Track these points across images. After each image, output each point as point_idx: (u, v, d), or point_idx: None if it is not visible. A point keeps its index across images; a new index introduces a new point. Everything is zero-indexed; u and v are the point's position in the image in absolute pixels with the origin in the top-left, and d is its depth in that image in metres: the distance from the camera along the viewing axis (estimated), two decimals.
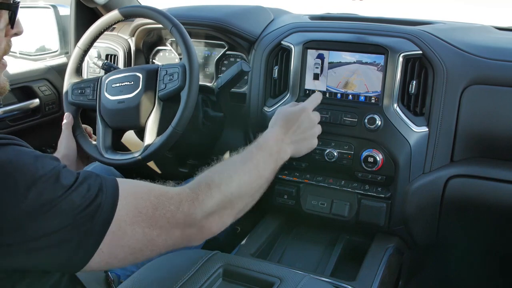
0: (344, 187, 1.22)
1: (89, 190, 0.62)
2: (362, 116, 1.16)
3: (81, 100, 1.25)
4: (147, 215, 0.67)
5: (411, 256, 1.29)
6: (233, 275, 0.88)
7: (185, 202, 0.72)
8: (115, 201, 0.64)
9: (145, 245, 0.68)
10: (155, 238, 0.68)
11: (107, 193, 0.64)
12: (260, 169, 0.89)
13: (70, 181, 0.61)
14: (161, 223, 0.69)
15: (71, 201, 0.59)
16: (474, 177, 1.13)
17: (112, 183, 0.66)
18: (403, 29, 1.18)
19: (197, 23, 1.40)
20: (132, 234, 0.65)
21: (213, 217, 0.76)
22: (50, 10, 1.77)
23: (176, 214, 0.70)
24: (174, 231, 0.71)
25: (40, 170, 0.58)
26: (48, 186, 0.57)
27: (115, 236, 0.63)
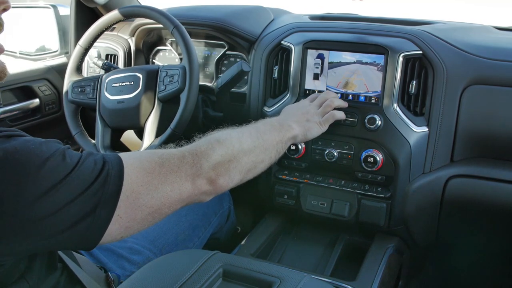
0: (344, 187, 1.22)
1: (96, 164, 0.64)
2: (362, 116, 1.16)
3: (81, 98, 1.25)
4: (155, 173, 0.70)
5: (411, 256, 1.29)
6: (233, 275, 0.88)
7: (188, 155, 0.76)
8: (121, 168, 0.66)
9: (162, 202, 0.70)
10: (169, 193, 0.71)
11: (112, 163, 0.66)
12: (261, 133, 0.91)
13: (76, 158, 0.63)
14: (171, 177, 0.72)
15: (81, 175, 0.61)
16: (474, 177, 1.13)
17: (114, 155, 0.69)
18: (403, 29, 1.18)
19: (197, 23, 1.40)
20: (146, 193, 0.68)
21: (219, 168, 0.78)
22: (50, 10, 1.77)
23: (181, 167, 0.73)
24: (185, 184, 0.73)
25: (46, 152, 0.60)
26: (56, 165, 0.59)
27: (130, 199, 0.66)
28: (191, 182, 0.74)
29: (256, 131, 0.91)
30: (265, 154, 0.91)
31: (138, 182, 0.68)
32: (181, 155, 0.75)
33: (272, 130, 0.95)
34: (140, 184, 0.68)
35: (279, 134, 0.96)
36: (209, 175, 0.77)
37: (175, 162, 0.73)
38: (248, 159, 0.86)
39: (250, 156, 0.86)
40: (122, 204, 0.65)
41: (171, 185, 0.71)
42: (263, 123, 0.97)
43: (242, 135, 0.87)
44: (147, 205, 0.68)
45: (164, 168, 0.72)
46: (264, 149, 0.90)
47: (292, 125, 1.01)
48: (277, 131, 0.96)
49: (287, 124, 1.00)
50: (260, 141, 0.90)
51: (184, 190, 0.73)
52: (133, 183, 0.67)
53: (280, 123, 1.00)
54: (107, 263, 1.04)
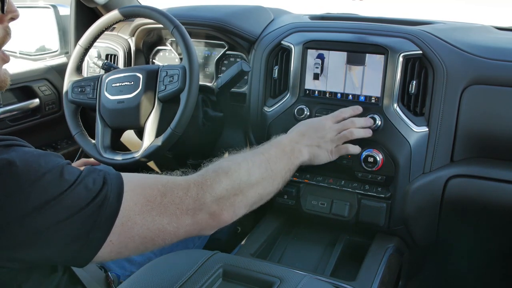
0: (344, 187, 1.22)
1: (94, 184, 0.62)
2: (362, 116, 1.16)
3: (81, 98, 1.25)
4: (155, 203, 0.67)
5: (411, 256, 1.29)
6: (233, 275, 0.87)
7: (193, 187, 0.72)
8: (120, 192, 0.64)
9: (156, 234, 0.68)
10: (166, 226, 0.68)
11: (112, 184, 0.64)
12: (271, 162, 0.88)
13: (75, 176, 0.61)
14: (171, 210, 0.68)
15: (77, 195, 0.59)
16: (474, 177, 1.13)
17: (116, 176, 0.66)
18: (403, 29, 1.18)
19: (197, 23, 1.40)
20: (142, 224, 0.65)
21: (223, 202, 0.75)
22: (50, 10, 1.77)
23: (185, 200, 0.70)
24: (184, 218, 0.70)
25: (43, 167, 0.58)
26: (53, 181, 0.58)
27: (125, 227, 0.64)
28: (191, 216, 0.71)
29: (266, 160, 0.87)
30: (272, 186, 0.89)
31: (136, 210, 0.65)
32: (186, 185, 0.72)
33: (282, 157, 0.92)
34: (138, 212, 0.65)
35: (289, 161, 0.94)
36: (212, 210, 0.74)
37: (178, 194, 0.70)
38: (255, 192, 0.83)
39: (258, 189, 0.84)
40: (116, 230, 0.62)
41: (170, 217, 0.68)
42: (275, 149, 0.93)
43: (252, 165, 0.83)
44: (141, 235, 0.66)
45: (166, 198, 0.68)
46: (272, 180, 0.88)
47: (302, 151, 0.98)
48: (287, 158, 0.93)
49: (298, 150, 0.97)
50: (269, 172, 0.87)
51: (182, 224, 0.70)
52: (131, 210, 0.64)
53: (292, 147, 0.96)
54: (107, 263, 1.04)
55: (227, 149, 1.43)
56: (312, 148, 1.01)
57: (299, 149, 0.98)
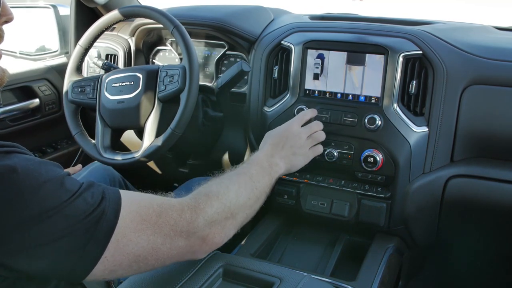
0: (344, 187, 1.22)
1: (93, 197, 0.62)
2: (362, 116, 1.16)
3: (81, 98, 1.25)
4: (150, 222, 0.68)
5: (411, 256, 1.29)
6: (233, 275, 0.87)
7: (187, 210, 0.73)
8: (118, 208, 0.64)
9: (150, 253, 0.68)
10: (160, 246, 0.69)
11: (110, 200, 0.64)
12: (254, 180, 0.92)
13: (75, 187, 0.61)
14: (165, 230, 0.69)
15: (76, 207, 0.59)
16: (474, 177, 1.13)
17: (115, 191, 0.67)
18: (403, 29, 1.18)
19: (197, 23, 1.40)
20: (137, 242, 0.66)
21: (215, 227, 0.77)
22: (50, 10, 1.77)
23: (179, 222, 0.71)
24: (178, 240, 0.71)
25: (44, 175, 0.58)
26: (53, 191, 0.58)
27: (120, 244, 0.64)
28: (185, 239, 0.72)
29: (250, 179, 0.91)
30: (257, 204, 0.92)
31: (131, 228, 0.65)
32: (180, 208, 0.73)
33: (263, 174, 0.95)
34: (133, 230, 0.66)
35: (269, 177, 0.97)
36: (205, 234, 0.75)
37: (173, 215, 0.71)
38: (243, 213, 0.86)
39: (245, 209, 0.87)
40: (111, 247, 0.62)
41: (164, 237, 0.69)
42: (255, 166, 0.96)
43: (239, 187, 0.86)
44: (135, 253, 0.66)
45: (161, 218, 0.69)
46: (257, 199, 0.91)
47: (279, 164, 1.01)
48: (267, 174, 0.97)
49: (275, 163, 1.00)
50: (254, 191, 0.90)
51: (176, 246, 0.71)
52: (127, 227, 0.65)
53: (269, 162, 1.00)
54: None
55: (227, 150, 1.43)
56: (287, 158, 1.04)
57: (276, 162, 1.01)
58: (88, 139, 1.25)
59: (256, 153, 1.03)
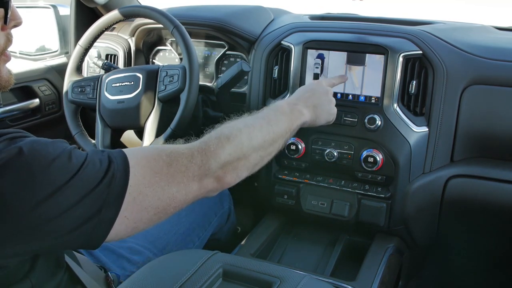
0: (344, 187, 1.22)
1: (101, 164, 0.63)
2: (362, 116, 1.16)
3: (81, 98, 1.25)
4: (162, 173, 0.69)
5: (411, 256, 1.29)
6: (233, 275, 0.88)
7: (197, 154, 0.74)
8: (126, 168, 0.65)
9: (168, 203, 0.69)
10: (175, 194, 0.70)
11: (117, 162, 0.65)
12: (272, 123, 0.88)
13: (82, 158, 0.62)
14: (178, 178, 0.70)
15: (86, 176, 0.60)
16: (474, 177, 1.13)
17: (119, 153, 0.67)
18: (403, 29, 1.18)
19: (197, 23, 1.40)
20: (153, 195, 0.67)
21: (227, 167, 0.77)
22: (50, 10, 1.77)
23: (190, 167, 0.72)
24: (192, 185, 0.72)
25: (52, 153, 0.59)
26: (62, 166, 0.59)
27: (137, 201, 0.65)
28: (198, 182, 0.73)
29: (267, 123, 0.88)
30: (273, 147, 0.89)
31: (145, 183, 0.66)
32: (190, 154, 0.73)
33: (282, 118, 0.92)
34: (147, 185, 0.67)
35: (289, 122, 0.93)
36: (217, 174, 0.76)
37: (183, 162, 0.72)
38: (256, 155, 0.84)
39: (259, 151, 0.85)
40: (129, 206, 0.64)
41: (178, 185, 0.70)
42: (274, 110, 0.93)
43: (253, 129, 0.84)
44: (153, 206, 0.67)
45: (172, 168, 0.70)
46: (273, 142, 0.88)
47: (303, 111, 0.97)
48: (287, 118, 0.93)
49: (298, 110, 0.97)
50: (270, 134, 0.87)
51: (190, 191, 0.72)
52: (140, 184, 0.66)
53: (291, 108, 0.96)
54: (107, 262, 1.04)
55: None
56: (311, 108, 1.00)
57: (299, 110, 0.97)
58: (88, 139, 1.25)
59: (280, 101, 1.00)
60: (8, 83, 0.71)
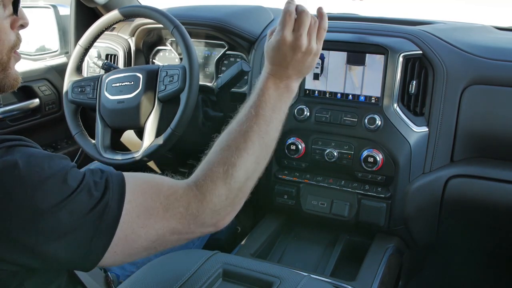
0: (344, 187, 1.22)
1: (97, 189, 0.62)
2: (362, 116, 1.16)
3: (81, 98, 1.25)
4: (158, 217, 0.67)
5: (411, 256, 1.29)
6: (233, 275, 0.87)
7: (193, 204, 0.72)
8: (121, 198, 0.64)
9: (159, 244, 0.69)
10: (169, 238, 0.69)
11: (113, 190, 0.63)
12: (263, 134, 0.81)
13: (78, 181, 0.60)
14: (173, 224, 0.69)
15: (79, 201, 0.59)
16: (474, 177, 1.13)
17: (118, 179, 0.65)
18: (403, 29, 1.18)
19: (197, 23, 1.40)
20: (145, 237, 0.66)
21: (224, 211, 0.75)
22: (50, 10, 1.77)
23: (186, 216, 0.70)
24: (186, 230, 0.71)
25: (47, 171, 0.57)
26: (56, 187, 0.57)
27: (129, 239, 0.64)
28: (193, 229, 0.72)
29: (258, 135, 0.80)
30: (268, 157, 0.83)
31: (138, 223, 0.65)
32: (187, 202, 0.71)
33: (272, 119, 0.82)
34: (141, 225, 0.65)
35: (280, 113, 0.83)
36: (213, 221, 0.74)
37: (179, 210, 0.70)
38: (252, 181, 0.81)
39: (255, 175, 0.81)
40: (120, 242, 0.63)
41: (172, 230, 0.69)
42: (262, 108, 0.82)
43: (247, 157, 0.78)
44: (145, 246, 0.67)
45: (167, 213, 0.68)
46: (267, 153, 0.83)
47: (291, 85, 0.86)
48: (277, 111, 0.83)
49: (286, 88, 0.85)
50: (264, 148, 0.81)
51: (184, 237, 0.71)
52: (133, 222, 0.64)
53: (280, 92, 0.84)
54: None
55: None
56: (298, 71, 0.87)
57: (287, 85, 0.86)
58: (88, 139, 1.25)
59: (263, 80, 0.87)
60: (16, 82, 0.70)
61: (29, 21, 0.70)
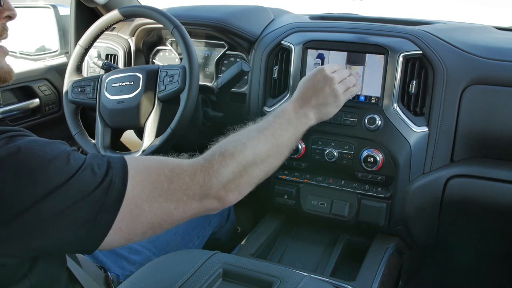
0: (344, 187, 1.22)
1: (100, 168, 0.63)
2: (362, 116, 1.16)
3: (81, 98, 1.25)
4: (162, 189, 0.67)
5: (411, 256, 1.29)
6: (233, 275, 0.88)
7: (200, 173, 0.72)
8: (125, 175, 0.64)
9: (164, 219, 0.68)
10: (173, 211, 0.69)
11: (116, 169, 0.64)
12: (277, 136, 0.86)
13: (80, 161, 0.62)
14: (178, 196, 0.69)
15: (84, 180, 0.60)
16: (474, 177, 1.13)
17: (119, 160, 0.66)
18: (403, 29, 1.18)
19: (197, 23, 1.40)
20: (150, 210, 0.66)
21: (229, 186, 0.75)
22: (50, 10, 1.77)
23: (191, 186, 0.70)
24: (191, 203, 0.71)
25: (49, 153, 0.59)
26: (59, 167, 0.58)
27: (133, 214, 0.64)
28: (198, 201, 0.71)
29: (271, 135, 0.85)
30: (278, 160, 0.87)
31: (143, 197, 0.65)
32: (192, 171, 0.71)
33: (287, 128, 0.89)
34: (145, 199, 0.65)
35: (295, 130, 0.91)
36: (219, 194, 0.74)
37: (185, 180, 0.70)
38: (260, 170, 0.82)
39: (263, 166, 0.83)
40: (124, 217, 0.63)
41: (177, 203, 0.69)
42: (279, 120, 0.90)
43: (257, 143, 0.82)
44: (149, 221, 0.66)
45: (173, 184, 0.68)
46: (278, 155, 0.86)
47: (309, 115, 0.95)
48: (293, 127, 0.91)
49: (304, 115, 0.94)
50: (274, 148, 0.85)
51: (189, 209, 0.71)
52: (138, 197, 0.65)
53: (298, 115, 0.93)
54: (106, 262, 1.04)
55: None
56: (317, 108, 0.97)
57: (305, 113, 0.95)
58: (88, 139, 1.25)
59: (285, 103, 0.96)
60: (9, 75, 0.70)
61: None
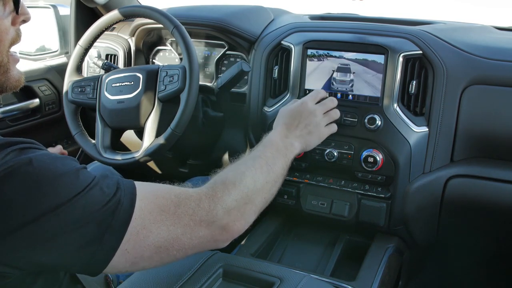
0: (344, 187, 1.22)
1: (108, 187, 0.63)
2: (362, 116, 1.16)
3: (81, 98, 1.25)
4: (169, 213, 0.68)
5: (411, 256, 1.29)
6: (233, 275, 0.88)
7: (205, 199, 0.73)
8: (133, 198, 0.65)
9: (171, 244, 0.68)
10: (180, 237, 0.69)
11: (125, 190, 0.64)
12: (270, 163, 0.90)
13: (90, 179, 0.62)
14: (184, 220, 0.70)
15: (92, 198, 0.60)
16: (474, 177, 1.13)
17: (129, 182, 0.67)
18: (403, 29, 1.18)
19: (197, 23, 1.40)
20: (157, 233, 0.66)
21: (234, 213, 0.76)
22: (50, 10, 1.77)
23: (197, 211, 0.71)
24: (198, 230, 0.71)
25: (60, 168, 0.59)
26: (69, 183, 0.59)
27: (140, 236, 0.64)
28: (205, 227, 0.72)
29: (266, 163, 0.89)
30: (275, 187, 0.90)
31: (150, 219, 0.66)
32: (198, 197, 0.73)
33: (278, 156, 0.93)
34: (153, 221, 0.66)
35: (285, 158, 0.95)
36: (224, 222, 0.75)
37: (191, 205, 0.71)
38: (261, 197, 0.85)
39: (263, 193, 0.85)
40: (131, 239, 0.63)
41: (184, 228, 0.69)
42: (270, 149, 0.94)
43: (255, 172, 0.85)
44: (156, 244, 0.66)
45: (179, 209, 0.69)
46: (275, 182, 0.90)
47: (294, 144, 0.99)
48: (283, 156, 0.95)
49: (290, 144, 0.98)
50: (271, 175, 0.88)
51: (196, 236, 0.71)
52: (145, 218, 0.65)
53: (284, 143, 0.97)
54: None
55: (227, 150, 1.43)
56: (302, 138, 1.02)
57: (291, 143, 0.99)
58: (88, 139, 1.25)
59: (270, 133, 1.00)
60: (18, 83, 0.70)
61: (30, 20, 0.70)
